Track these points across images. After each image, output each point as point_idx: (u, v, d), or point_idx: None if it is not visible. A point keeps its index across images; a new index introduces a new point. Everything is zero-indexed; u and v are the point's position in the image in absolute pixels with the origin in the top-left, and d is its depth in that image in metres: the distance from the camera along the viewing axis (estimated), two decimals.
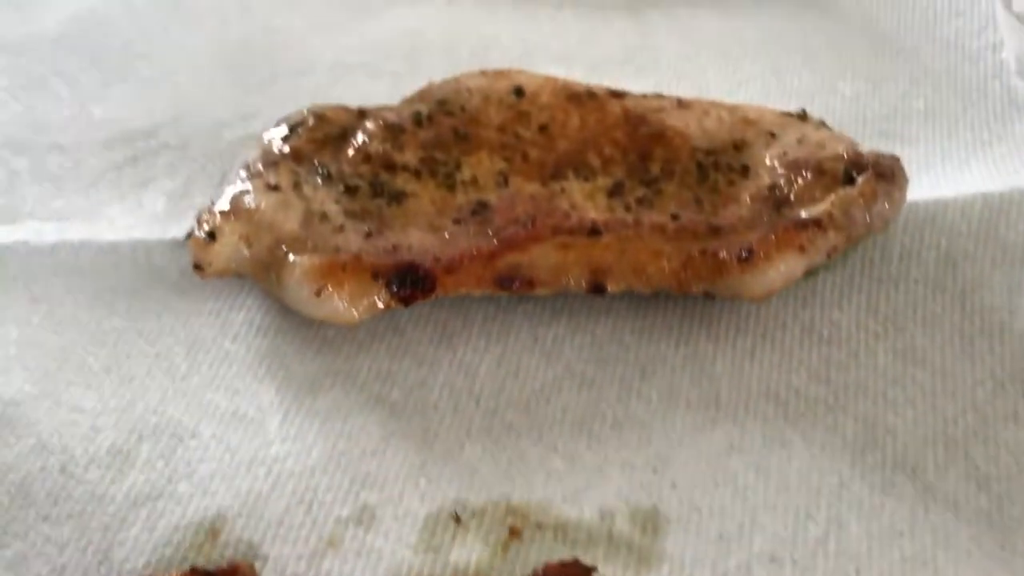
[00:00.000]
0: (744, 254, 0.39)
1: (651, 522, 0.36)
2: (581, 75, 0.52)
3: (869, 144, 0.49)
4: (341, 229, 0.41)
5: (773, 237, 0.39)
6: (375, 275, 0.39)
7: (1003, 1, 0.52)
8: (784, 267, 0.39)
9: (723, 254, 0.39)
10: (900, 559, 0.35)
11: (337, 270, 0.39)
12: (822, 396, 0.39)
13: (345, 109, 0.46)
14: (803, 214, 0.40)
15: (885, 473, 0.37)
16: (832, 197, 0.41)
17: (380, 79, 0.53)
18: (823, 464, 0.37)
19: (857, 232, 0.40)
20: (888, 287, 0.43)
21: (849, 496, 0.36)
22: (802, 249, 0.39)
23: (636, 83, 0.52)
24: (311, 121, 0.45)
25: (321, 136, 0.45)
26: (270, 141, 0.45)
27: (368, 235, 0.41)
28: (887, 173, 0.41)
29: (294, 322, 0.42)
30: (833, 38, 0.55)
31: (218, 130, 0.50)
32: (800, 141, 0.44)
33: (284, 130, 0.45)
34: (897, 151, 0.48)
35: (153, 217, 0.45)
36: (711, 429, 0.38)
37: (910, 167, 0.46)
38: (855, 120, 0.50)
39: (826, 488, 0.36)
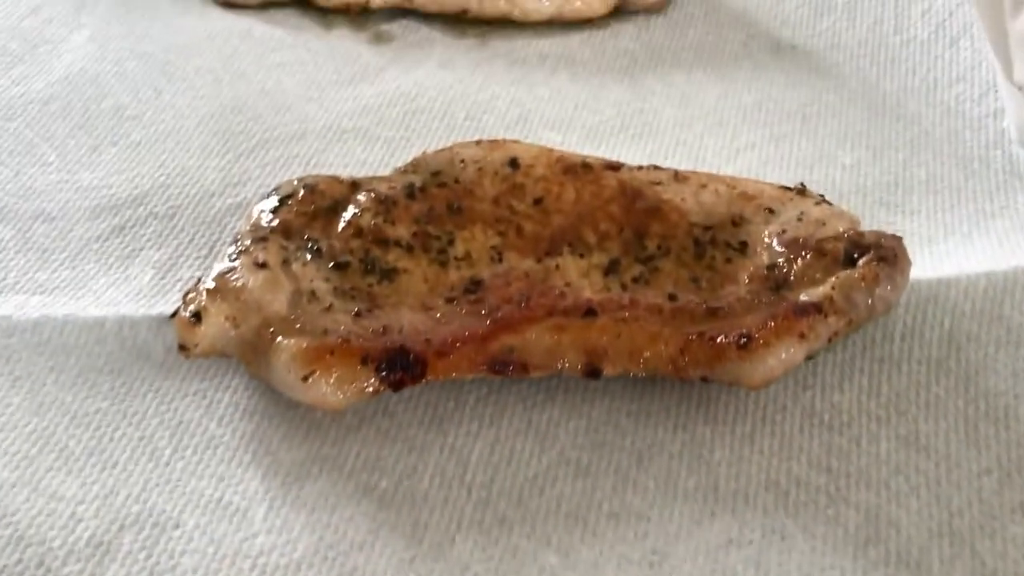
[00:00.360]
0: (743, 340, 0.38)
1: None
2: (577, 141, 0.52)
3: (870, 214, 0.48)
4: (330, 309, 0.40)
5: (772, 324, 0.38)
6: (364, 359, 0.38)
7: (1003, 70, 0.51)
8: (784, 354, 0.38)
9: (721, 339, 0.38)
10: None
11: (325, 355, 0.38)
12: (823, 485, 0.38)
13: (337, 180, 0.45)
14: (803, 297, 0.40)
15: (888, 569, 0.36)
16: (833, 280, 0.40)
17: (374, 145, 0.52)
18: (824, 559, 0.36)
19: (859, 317, 0.39)
20: (890, 368, 0.42)
21: None
22: (803, 336, 0.38)
23: (632, 151, 0.52)
24: (301, 193, 0.44)
25: (312, 209, 0.44)
26: (259, 214, 0.44)
27: (358, 315, 0.40)
28: (889, 256, 0.40)
29: (281, 404, 0.41)
30: (832, 104, 0.54)
31: (207, 198, 0.49)
32: (800, 218, 0.43)
33: (274, 202, 0.44)
34: (898, 223, 0.48)
35: (139, 291, 0.44)
36: (710, 521, 0.37)
37: (912, 241, 0.45)
38: (855, 190, 0.49)
39: None
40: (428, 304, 0.40)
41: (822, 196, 0.45)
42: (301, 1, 0.60)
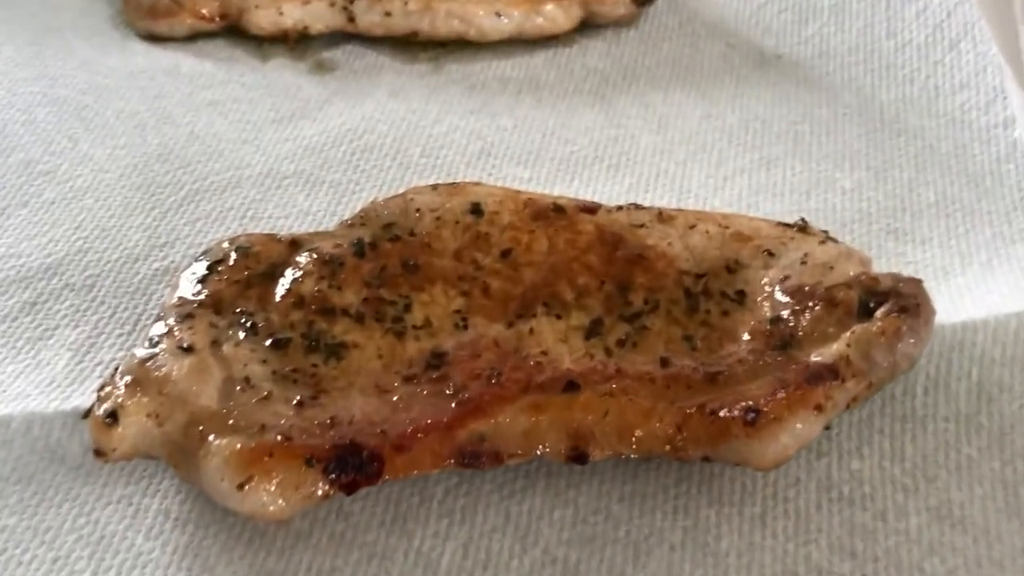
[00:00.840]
0: (750, 415, 0.33)
1: None
2: (547, 176, 0.47)
3: (877, 245, 0.43)
4: (268, 398, 0.34)
5: (783, 395, 0.33)
6: (310, 460, 0.32)
7: (1014, 74, 0.47)
8: (798, 430, 0.33)
9: (725, 414, 0.33)
10: None
11: (263, 457, 0.32)
12: (848, 573, 0.33)
13: (274, 239, 0.40)
14: (815, 357, 0.34)
15: None
16: (848, 335, 0.35)
17: (319, 191, 0.46)
18: None
19: (880, 377, 0.34)
20: (914, 428, 0.37)
21: None
22: (819, 408, 0.33)
23: (609, 184, 0.46)
24: (233, 258, 0.39)
25: (245, 276, 0.38)
26: (185, 285, 0.38)
27: (300, 405, 0.34)
28: (911, 305, 0.35)
29: (218, 510, 0.35)
30: (825, 121, 0.49)
31: (131, 263, 0.43)
32: (803, 261, 0.38)
33: (202, 270, 0.39)
34: (909, 253, 0.43)
35: (52, 380, 0.38)
36: None
37: (926, 274, 0.40)
38: (859, 218, 0.44)
39: None
40: (383, 385, 0.35)
41: (826, 232, 0.39)
42: (233, 30, 0.54)
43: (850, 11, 0.54)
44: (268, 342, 0.36)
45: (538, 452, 0.34)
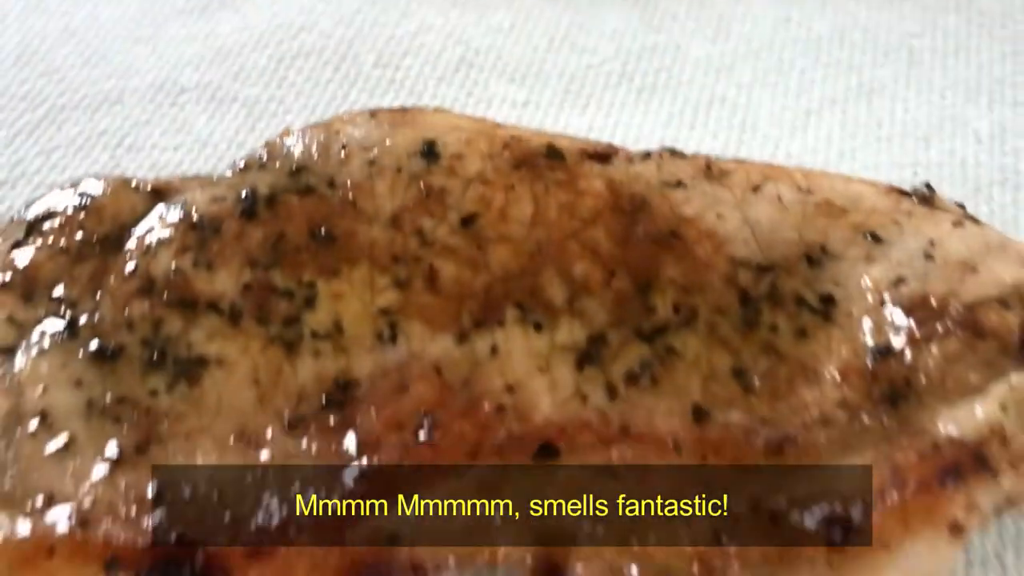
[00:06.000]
0: (838, 533, 0.20)
1: None
2: (551, 99, 0.35)
3: None
4: (69, 449, 0.22)
5: (896, 499, 0.20)
6: (111, 566, 0.20)
7: None
8: (918, 562, 0.19)
9: (796, 521, 0.20)
10: None
11: (39, 557, 0.20)
12: None
13: (129, 186, 0.27)
14: (945, 427, 0.21)
15: None
16: (1002, 389, 0.21)
17: (226, 111, 0.34)
18: None
19: None
20: None
21: None
22: (956, 530, 0.19)
23: (639, 116, 0.34)
24: (67, 212, 0.26)
25: (77, 242, 0.26)
26: None
27: (117, 464, 0.22)
28: None
29: None
30: (954, 34, 0.35)
31: None
32: (929, 255, 0.24)
33: (19, 230, 0.26)
34: None
35: None
36: None
37: None
38: (1000, 179, 0.32)
39: None
40: (252, 433, 0.23)
41: (963, 208, 0.26)
42: None
43: None
44: (91, 349, 0.24)
45: (488, 564, 0.21)
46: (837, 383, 0.23)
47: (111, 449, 0.23)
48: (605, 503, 0.21)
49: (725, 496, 0.21)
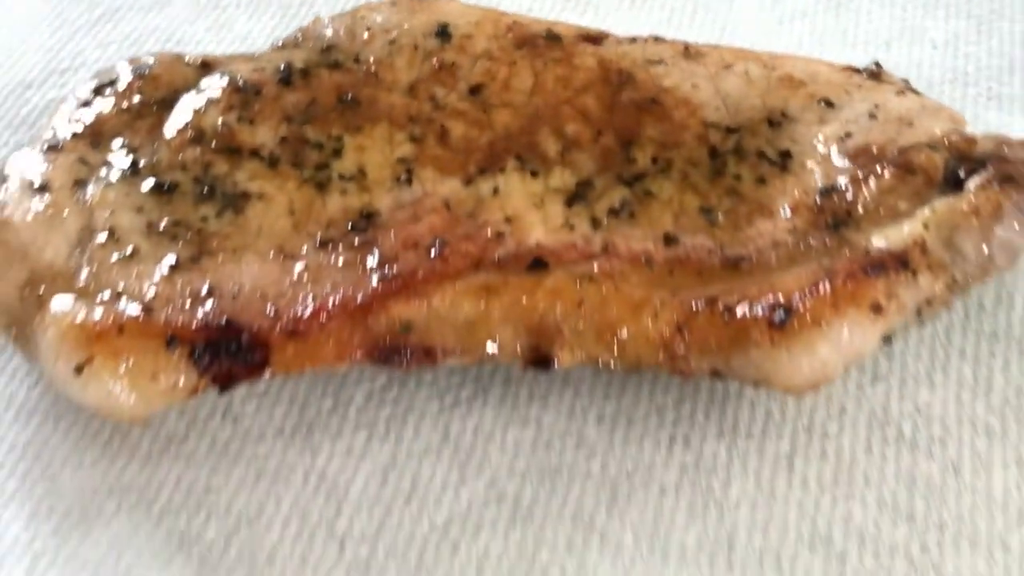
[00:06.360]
0: (778, 314, 0.23)
1: None
2: (550, 6, 0.38)
3: (972, 114, 0.34)
4: (134, 257, 0.26)
5: (827, 288, 0.23)
6: (171, 341, 0.24)
7: None
8: (845, 339, 0.23)
9: (744, 313, 0.24)
10: None
11: (111, 334, 0.24)
12: (902, 543, 0.24)
13: (181, 60, 0.31)
14: (877, 242, 0.25)
15: None
16: (925, 213, 0.25)
17: (266, 10, 0.37)
18: None
19: (966, 275, 0.25)
20: (1008, 349, 0.27)
21: None
22: (878, 309, 0.23)
23: (628, 18, 0.37)
24: (127, 79, 0.30)
25: (137, 103, 0.30)
26: (63, 111, 0.30)
27: (175, 269, 0.26)
28: (1017, 175, 0.25)
29: (70, 403, 0.27)
30: None
31: (21, 91, 0.35)
32: (873, 114, 0.28)
33: (87, 92, 0.30)
34: (1016, 124, 0.33)
35: None
36: None
37: None
38: (951, 78, 0.35)
39: None
40: (289, 250, 0.26)
41: (906, 82, 0.30)
42: None
43: None
44: (149, 185, 0.28)
45: (487, 351, 0.25)
46: (788, 217, 0.27)
47: (169, 258, 0.26)
48: (584, 302, 0.25)
49: (687, 296, 0.25)
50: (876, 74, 0.30)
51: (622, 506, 0.25)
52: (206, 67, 0.31)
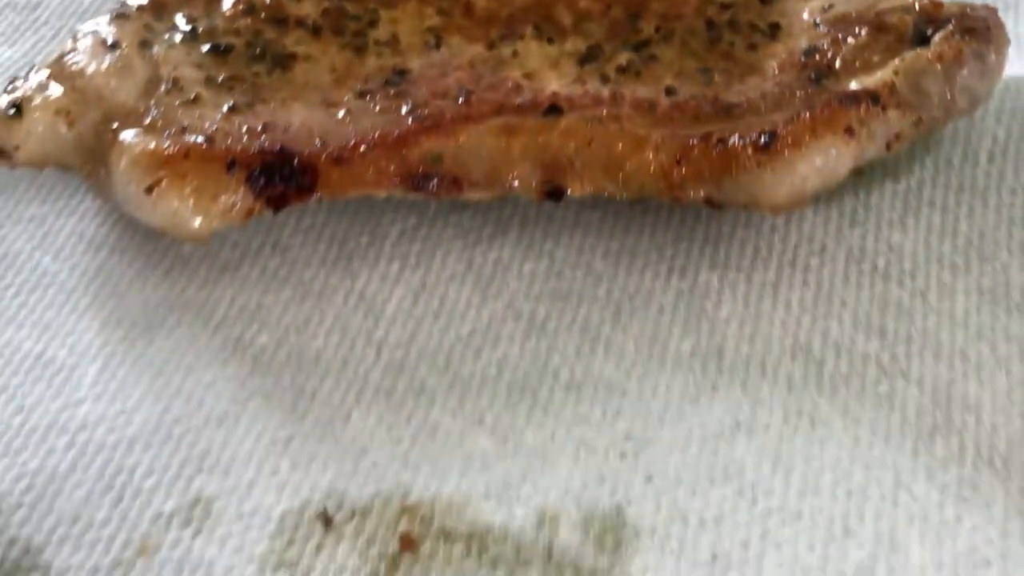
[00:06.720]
0: (764, 140, 0.27)
1: (612, 532, 0.24)
2: None
3: None
4: (195, 101, 0.29)
5: (807, 115, 0.27)
6: (231, 165, 0.27)
7: None
8: (822, 159, 0.26)
9: (735, 142, 0.27)
10: None
11: (177, 159, 0.27)
12: (874, 354, 0.27)
13: None
14: (853, 85, 0.28)
15: (964, 469, 0.25)
16: (896, 62, 0.28)
17: None
18: (872, 453, 0.25)
19: (931, 114, 0.28)
20: (972, 200, 0.30)
21: (910, 503, 0.24)
22: (850, 133, 0.26)
23: None
24: None
25: None
26: None
27: (233, 111, 0.29)
28: (979, 27, 0.28)
29: (138, 236, 0.30)
30: None
31: None
32: None
33: None
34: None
35: None
36: (709, 398, 0.26)
37: (1008, 16, 0.33)
38: None
39: (876, 490, 0.25)
40: (331, 100, 0.29)
41: None
42: None
43: None
44: (207, 48, 0.31)
45: (507, 185, 0.28)
46: (776, 73, 0.30)
47: (226, 104, 0.30)
48: (593, 140, 0.28)
49: (684, 134, 0.28)
50: None
51: (625, 321, 0.28)
52: None
